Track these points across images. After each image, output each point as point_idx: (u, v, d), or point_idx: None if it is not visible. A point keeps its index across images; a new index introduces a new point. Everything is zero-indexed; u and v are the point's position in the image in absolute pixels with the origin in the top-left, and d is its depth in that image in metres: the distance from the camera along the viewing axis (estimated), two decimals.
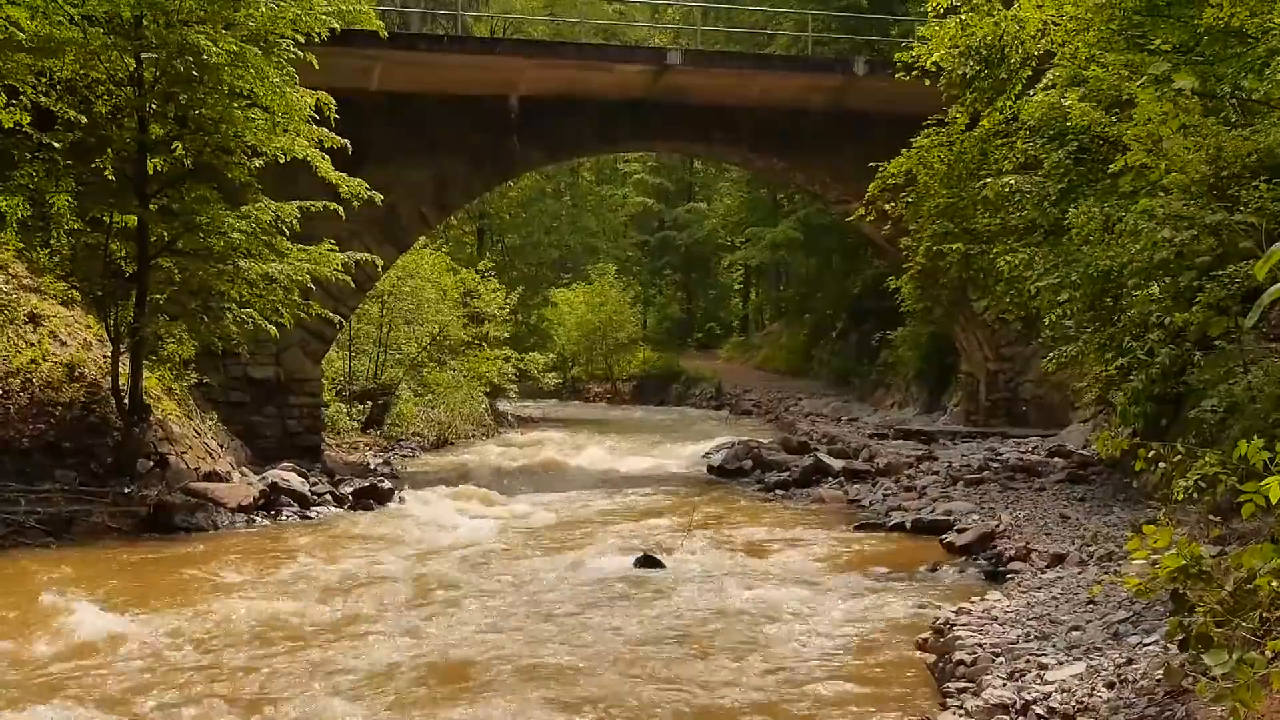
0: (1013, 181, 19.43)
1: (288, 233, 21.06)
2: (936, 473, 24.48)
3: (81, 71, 19.18)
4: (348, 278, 22.90)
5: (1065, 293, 17.73)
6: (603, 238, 67.86)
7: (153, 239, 20.35)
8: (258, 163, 20.52)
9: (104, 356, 20.79)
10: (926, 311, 34.42)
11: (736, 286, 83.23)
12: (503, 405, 44.29)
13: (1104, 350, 17.72)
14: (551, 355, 52.56)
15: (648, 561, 16.59)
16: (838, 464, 26.67)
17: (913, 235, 24.63)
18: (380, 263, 25.10)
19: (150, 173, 20.08)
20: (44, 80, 18.85)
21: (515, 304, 44.62)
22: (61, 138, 19.14)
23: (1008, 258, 19.57)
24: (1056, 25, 17.94)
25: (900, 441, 31.41)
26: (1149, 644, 9.59)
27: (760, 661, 11.72)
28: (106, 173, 20.16)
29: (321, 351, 28.10)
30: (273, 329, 21.44)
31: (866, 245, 42.58)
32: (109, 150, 19.94)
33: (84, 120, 19.00)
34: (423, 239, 36.13)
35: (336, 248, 22.34)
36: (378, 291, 33.71)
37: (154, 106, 19.79)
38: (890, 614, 13.72)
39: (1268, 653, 5.96)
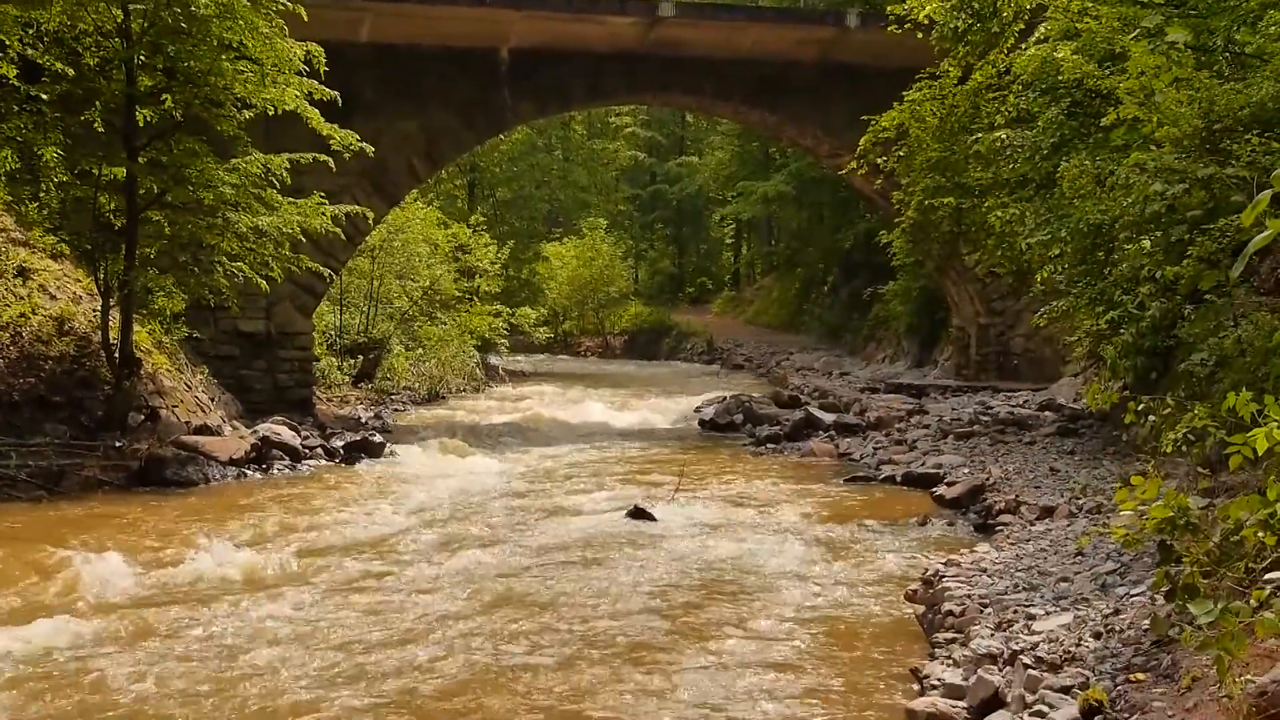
0: (1005, 135, 19.39)
1: (277, 186, 20.98)
2: (927, 426, 24.57)
3: (69, 23, 19.04)
4: (338, 231, 22.87)
5: (1056, 247, 17.72)
6: (594, 192, 67.74)
7: (142, 192, 20.27)
8: (247, 115, 20.44)
9: (94, 310, 20.75)
10: (917, 265, 34.47)
11: (728, 241, 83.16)
12: (494, 360, 44.29)
13: (1095, 304, 17.72)
14: (543, 310, 52.59)
15: (639, 514, 16.65)
16: (828, 418, 26.75)
17: (904, 189, 24.57)
18: (370, 216, 25.03)
19: (139, 125, 19.99)
20: (31, 32, 18.74)
21: (506, 258, 44.60)
22: (49, 90, 19.05)
23: (999, 212, 19.56)
24: None
25: (891, 395, 31.48)
26: (1136, 595, 9.66)
27: (748, 613, 11.80)
28: (95, 125, 20.05)
29: (312, 305, 28.07)
30: (263, 282, 21.41)
31: (858, 199, 42.55)
32: (97, 103, 19.81)
33: (71, 72, 18.90)
34: (413, 193, 36.05)
35: (326, 201, 22.29)
36: (368, 245, 33.68)
37: (142, 58, 19.67)
38: (879, 566, 13.81)
39: (1252, 602, 6.01)
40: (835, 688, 9.57)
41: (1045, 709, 7.66)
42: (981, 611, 10.22)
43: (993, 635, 9.43)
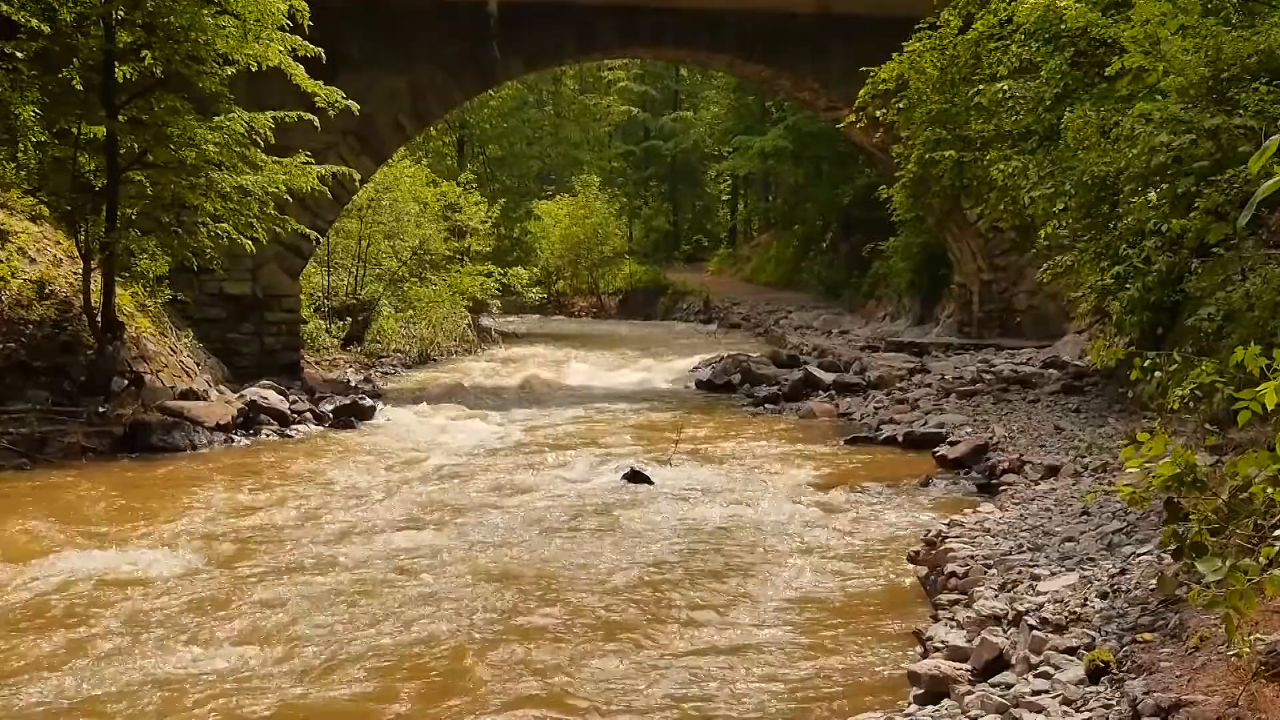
0: (1007, 87, 19.33)
1: (261, 144, 20.90)
2: (929, 385, 24.59)
3: None
4: (324, 190, 22.79)
5: (1060, 200, 17.71)
6: (586, 148, 67.44)
7: (122, 151, 20.19)
8: (229, 72, 20.34)
9: (75, 273, 20.70)
10: (918, 221, 34.36)
11: (724, 197, 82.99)
12: (485, 321, 44.22)
13: (1100, 258, 17.72)
14: (535, 269, 52.40)
15: (635, 477, 16.68)
16: (828, 377, 26.77)
17: (904, 142, 24.49)
18: (357, 175, 24.92)
19: (119, 82, 19.89)
20: None
21: (497, 217, 44.43)
22: (25, 47, 18.90)
23: (1001, 165, 19.52)
24: None
25: (892, 354, 31.50)
26: (1143, 554, 9.69)
27: (747, 576, 11.84)
28: (74, 83, 19.90)
29: (299, 267, 28.00)
30: (248, 243, 21.34)
31: (857, 153, 42.36)
32: (75, 60, 19.67)
33: (48, 29, 18.73)
34: (401, 151, 35.90)
35: (312, 160, 22.21)
36: (356, 205, 33.57)
37: (121, 13, 19.53)
38: (881, 527, 13.85)
39: (1261, 559, 6.02)
40: (836, 651, 9.60)
41: (1051, 670, 7.69)
42: (985, 572, 10.25)
43: (997, 596, 9.46)
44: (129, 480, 16.84)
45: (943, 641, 8.87)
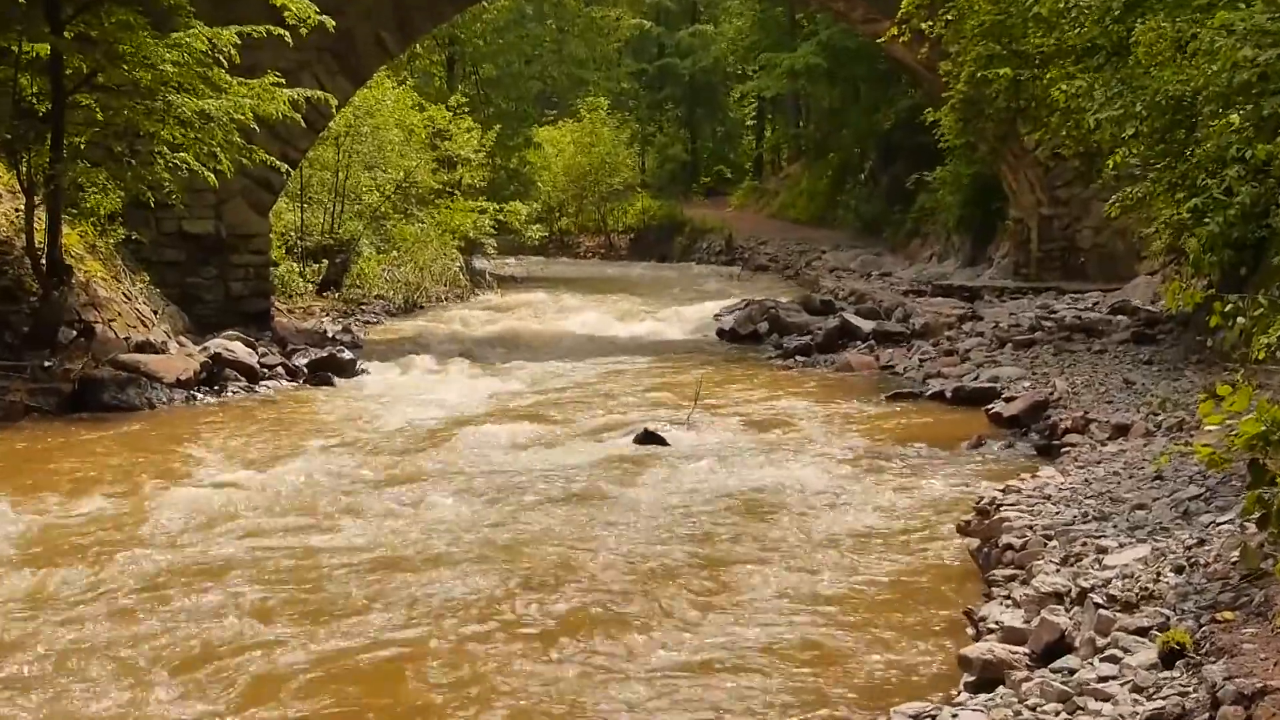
0: None
1: (226, 64, 20.81)
2: (981, 334, 24.56)
3: None
4: (297, 116, 22.71)
5: (1130, 124, 17.60)
6: (593, 67, 67.25)
7: (69, 72, 20.12)
8: None
9: (16, 210, 20.70)
10: (969, 148, 34.22)
11: (749, 123, 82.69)
12: (479, 263, 44.25)
13: (1175, 190, 17.62)
14: (535, 205, 52.45)
15: (649, 438, 16.69)
16: (867, 325, 26.78)
17: (953, 59, 24.37)
18: (334, 99, 24.87)
19: None
20: None
21: (492, 146, 44.36)
22: None
23: (1064, 84, 19.39)
24: None
25: (939, 299, 31.48)
26: (1223, 523, 9.67)
27: (775, 550, 11.85)
28: None
29: (268, 202, 27.97)
30: (211, 176, 21.30)
31: (899, 72, 42.23)
32: None
33: None
34: (384, 71, 35.80)
35: (283, 81, 22.13)
36: (332, 133, 33.51)
37: None
38: (926, 495, 13.85)
39: None
40: (876, 635, 9.61)
41: (1119, 653, 7.69)
42: (1045, 544, 10.25)
43: (1058, 571, 9.46)
44: (78, 444, 16.84)
45: (997, 622, 8.89)
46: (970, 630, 9.35)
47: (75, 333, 20.04)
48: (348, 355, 23.64)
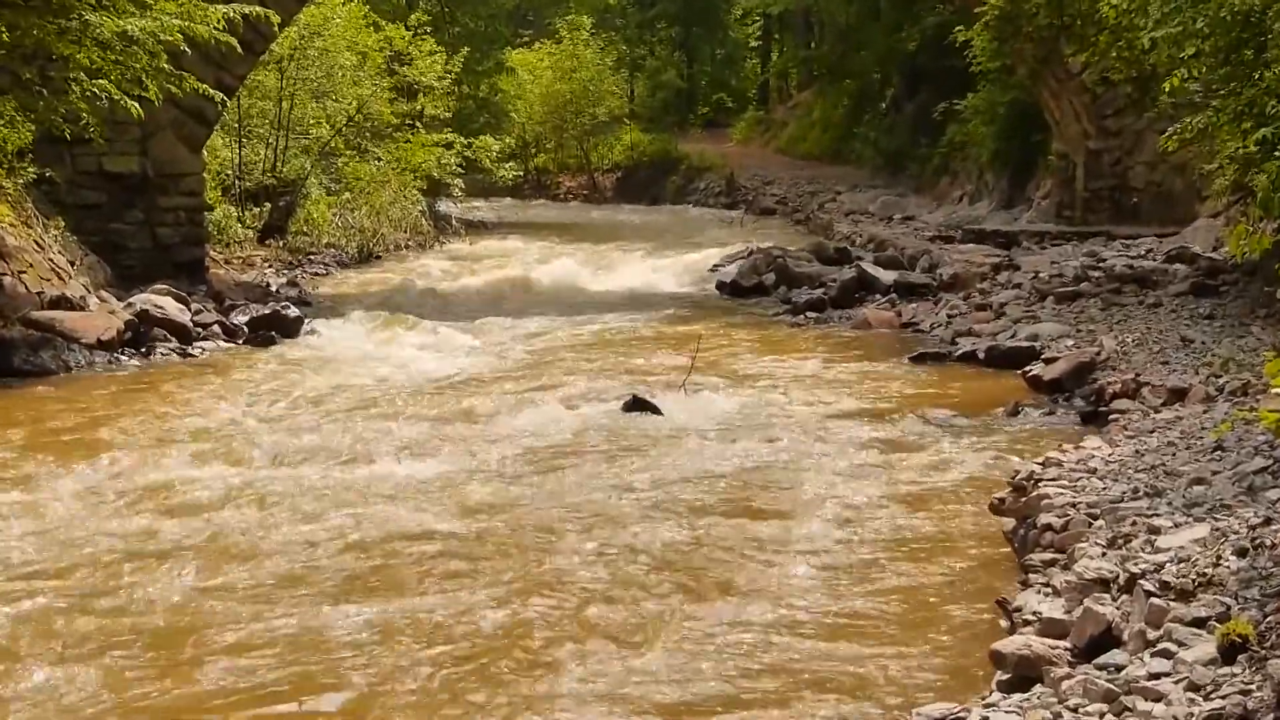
0: None
1: None
2: (1018, 286, 24.55)
3: None
4: (231, 39, 22.60)
5: (1190, 43, 17.58)
6: None
7: None
8: None
9: None
10: (1006, 72, 34.21)
11: (753, 45, 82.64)
12: (444, 207, 44.23)
13: (1242, 119, 17.62)
14: (508, 140, 52.31)
15: (638, 405, 16.70)
16: (888, 276, 26.78)
17: None
18: (276, 17, 24.78)
19: None
20: None
21: (458, 72, 44.23)
22: None
23: None
24: None
25: (970, 246, 31.48)
26: None
27: (784, 531, 11.88)
28: None
29: (201, 137, 27.89)
30: (134, 106, 21.20)
31: None
32: None
33: None
34: None
35: None
36: (274, 56, 33.37)
37: None
38: (956, 469, 13.89)
39: None
40: (899, 627, 9.66)
41: (1173, 647, 7.71)
42: (1089, 525, 10.27)
43: (1104, 555, 9.48)
44: None
45: (1034, 613, 8.92)
46: (1004, 622, 9.39)
47: None
48: (293, 312, 23.58)
